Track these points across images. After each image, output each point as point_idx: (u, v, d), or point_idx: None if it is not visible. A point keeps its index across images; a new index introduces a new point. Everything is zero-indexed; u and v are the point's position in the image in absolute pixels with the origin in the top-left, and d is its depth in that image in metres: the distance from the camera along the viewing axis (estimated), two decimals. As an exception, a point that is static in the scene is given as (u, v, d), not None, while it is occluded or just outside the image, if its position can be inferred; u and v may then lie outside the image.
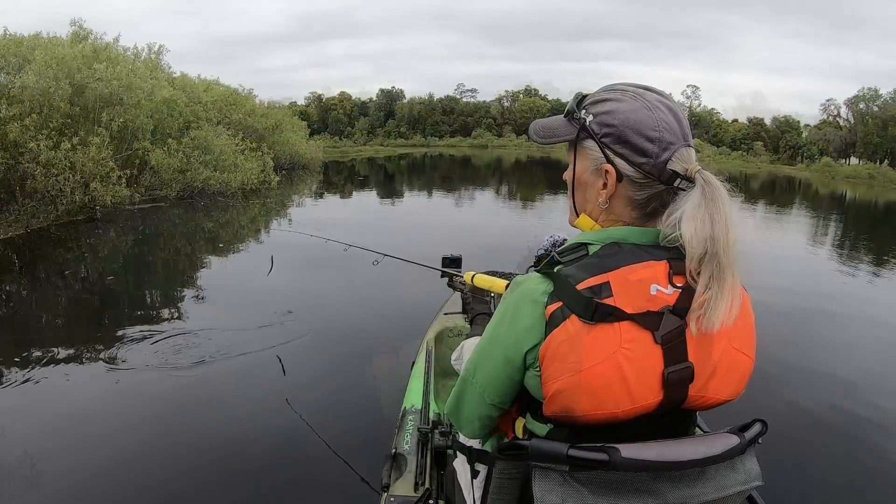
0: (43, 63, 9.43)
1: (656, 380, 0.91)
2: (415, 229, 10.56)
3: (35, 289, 6.03)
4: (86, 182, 9.38)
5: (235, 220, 10.91)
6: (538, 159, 43.80)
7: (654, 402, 0.92)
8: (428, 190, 20.15)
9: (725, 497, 0.94)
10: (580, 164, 1.06)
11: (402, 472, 1.83)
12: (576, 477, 0.88)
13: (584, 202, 1.07)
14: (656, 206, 1.01)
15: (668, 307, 0.91)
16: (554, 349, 0.91)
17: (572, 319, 0.89)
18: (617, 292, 0.90)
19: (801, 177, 40.88)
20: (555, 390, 0.92)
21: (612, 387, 0.90)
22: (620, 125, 0.98)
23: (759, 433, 1.00)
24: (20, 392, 3.40)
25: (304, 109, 70.41)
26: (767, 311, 5.39)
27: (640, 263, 0.93)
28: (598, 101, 1.03)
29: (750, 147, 63.32)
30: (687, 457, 0.90)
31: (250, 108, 20.36)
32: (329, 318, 4.94)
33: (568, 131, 1.07)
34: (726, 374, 0.97)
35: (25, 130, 8.92)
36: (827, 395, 3.78)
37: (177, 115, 12.64)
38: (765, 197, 22.78)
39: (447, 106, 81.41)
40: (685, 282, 0.92)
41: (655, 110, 0.98)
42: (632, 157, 0.98)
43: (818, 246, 11.06)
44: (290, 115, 28.56)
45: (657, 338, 0.90)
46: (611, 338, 0.89)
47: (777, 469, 2.63)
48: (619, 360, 0.89)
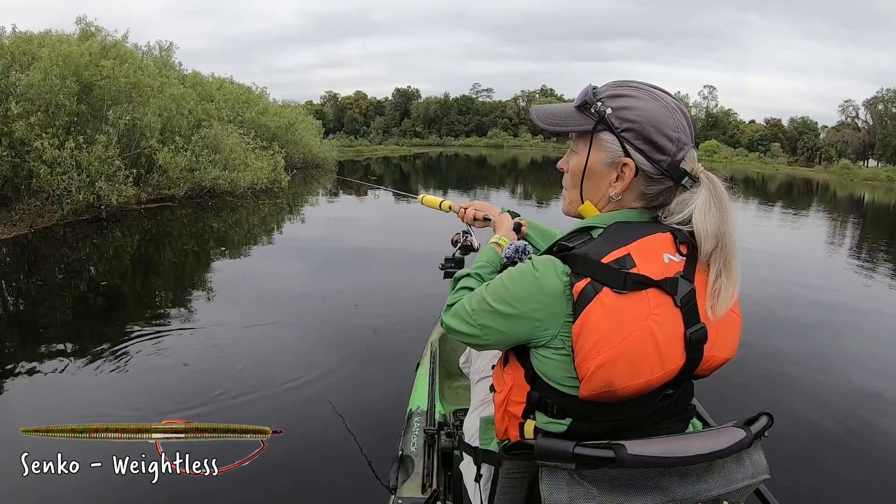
0: (49, 61, 9.25)
1: (680, 342, 0.96)
2: (424, 229, 10.46)
3: (35, 290, 5.86)
4: (91, 181, 9.18)
5: (244, 221, 10.66)
6: (554, 159, 43.13)
7: (679, 366, 0.97)
8: (443, 189, 20.09)
9: (733, 491, 0.94)
10: (595, 155, 1.07)
11: (409, 473, 1.83)
12: (583, 475, 0.89)
13: (593, 192, 1.09)
14: (662, 200, 1.06)
15: (680, 273, 0.96)
16: (591, 324, 0.92)
17: (605, 292, 0.91)
18: (639, 262, 0.94)
19: (819, 179, 40.50)
20: (596, 366, 0.92)
21: (647, 353, 0.93)
22: (643, 122, 1.01)
23: (765, 426, 1.01)
24: (18, 395, 3.39)
25: (320, 108, 70.72)
26: (778, 307, 5.64)
27: (651, 235, 0.98)
28: (614, 96, 1.04)
29: (767, 148, 62.70)
30: (693, 452, 0.90)
31: (263, 106, 20.16)
32: (333, 320, 4.92)
33: (581, 121, 1.07)
34: (726, 332, 1.01)
35: (31, 129, 8.74)
36: (834, 388, 3.79)
37: (186, 113, 12.34)
38: (782, 199, 22.43)
39: (463, 105, 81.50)
40: (688, 250, 0.99)
41: (673, 111, 1.02)
42: (651, 153, 1.02)
43: (835, 249, 10.84)
44: (305, 114, 28.43)
45: (677, 301, 0.95)
46: (643, 305, 0.93)
47: (784, 462, 2.56)
48: (651, 326, 0.93)
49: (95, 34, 11.41)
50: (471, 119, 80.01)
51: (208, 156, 12.04)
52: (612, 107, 1.03)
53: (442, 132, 78.10)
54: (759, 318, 5.10)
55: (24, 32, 10.99)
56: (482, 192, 19.09)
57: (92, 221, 9.24)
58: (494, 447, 1.23)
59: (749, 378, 3.64)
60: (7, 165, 8.87)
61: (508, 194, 19.07)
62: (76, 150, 9.01)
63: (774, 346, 4.38)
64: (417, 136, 76.27)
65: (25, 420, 2.99)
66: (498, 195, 18.51)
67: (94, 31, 11.47)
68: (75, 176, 8.88)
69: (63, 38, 10.96)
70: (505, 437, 1.14)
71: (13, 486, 2.42)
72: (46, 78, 9.12)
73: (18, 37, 10.73)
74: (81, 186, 8.97)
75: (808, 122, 67.71)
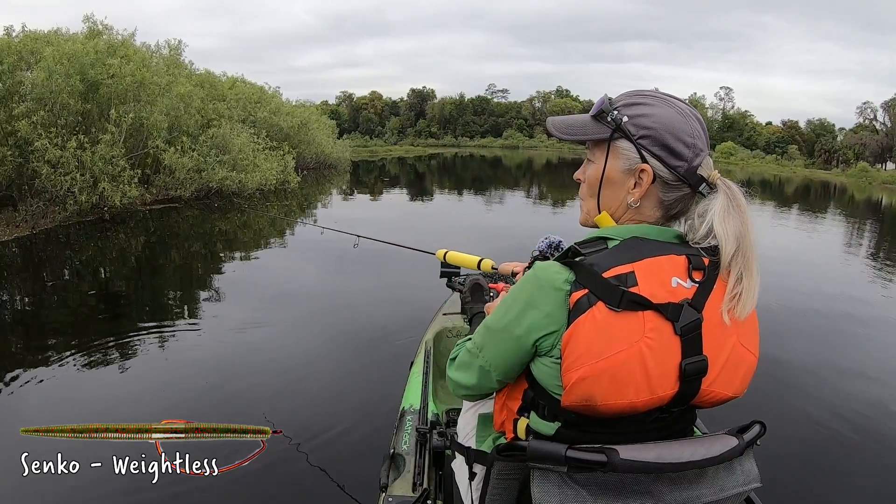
0: (53, 59, 9.16)
1: (674, 370, 0.93)
2: (424, 229, 10.62)
3: (34, 292, 5.81)
4: (95, 182, 9.05)
5: (252, 223, 10.47)
6: (569, 161, 43.33)
7: (670, 394, 0.94)
8: (458, 190, 20.02)
9: (724, 498, 0.94)
10: (612, 163, 1.06)
11: (400, 472, 1.82)
12: (574, 478, 0.89)
13: (610, 201, 1.08)
14: (681, 208, 1.06)
15: (687, 300, 0.93)
16: (579, 336, 0.91)
17: (599, 306, 0.90)
18: (642, 282, 0.92)
19: (837, 182, 39.82)
20: (577, 378, 0.91)
21: (633, 375, 0.91)
22: (659, 128, 1.01)
23: (757, 435, 1.01)
24: (18, 395, 3.37)
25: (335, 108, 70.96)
26: (779, 312, 5.46)
27: (662, 256, 0.96)
28: (630, 104, 1.05)
29: (784, 150, 62.00)
30: (686, 458, 0.90)
31: (276, 105, 20.15)
32: (328, 318, 4.95)
33: (598, 130, 1.07)
34: (733, 370, 0.98)
35: (34, 128, 8.65)
36: (827, 398, 3.75)
37: (193, 112, 12.18)
38: (799, 202, 22.23)
39: (478, 106, 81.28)
40: (702, 277, 0.96)
41: (688, 118, 1.02)
42: (668, 159, 1.01)
43: (850, 253, 10.54)
44: (318, 114, 28.44)
45: (677, 329, 0.92)
46: (635, 326, 0.90)
47: (776, 471, 2.58)
48: (641, 349, 0.90)
49: (103, 32, 11.35)
50: (486, 120, 79.77)
51: (216, 156, 11.92)
52: (629, 114, 1.03)
53: (457, 133, 77.92)
54: (762, 322, 4.88)
55: (33, 31, 10.96)
56: (497, 193, 18.97)
57: (95, 223, 9.11)
58: (487, 447, 1.23)
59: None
60: (10, 165, 8.76)
61: (523, 195, 18.91)
62: (79, 150, 8.89)
63: (777, 353, 4.30)
64: (432, 137, 76.19)
65: (25, 420, 2.99)
66: (513, 196, 18.34)
67: (102, 28, 11.42)
68: (77, 177, 8.75)
69: (70, 36, 10.93)
70: (501, 429, 1.15)
71: (14, 486, 2.42)
72: (51, 76, 9.04)
73: (27, 35, 10.69)
74: (84, 187, 8.85)
75: (826, 125, 66.83)
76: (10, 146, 8.84)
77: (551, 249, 1.69)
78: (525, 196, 18.76)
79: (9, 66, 9.43)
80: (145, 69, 10.72)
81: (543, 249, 1.69)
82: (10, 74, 9.39)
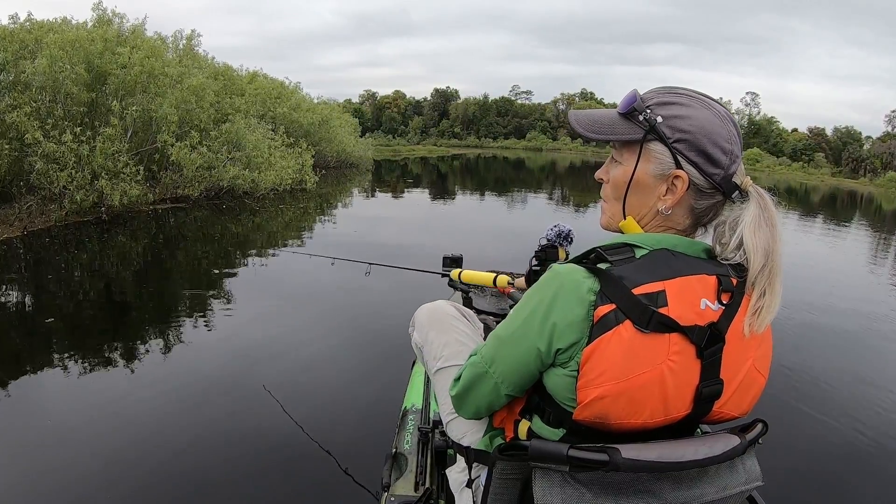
0: (55, 46, 8.50)
1: (690, 394, 0.91)
2: (431, 229, 10.56)
3: (19, 297, 5.17)
4: (93, 178, 8.34)
5: (265, 225, 9.73)
6: (592, 164, 42.73)
7: (682, 415, 0.92)
8: (480, 192, 19.62)
9: (726, 497, 0.93)
10: (643, 166, 0.99)
11: (402, 471, 1.80)
12: (577, 478, 0.87)
13: (637, 206, 1.01)
14: (711, 217, 1.00)
15: (713, 323, 0.90)
16: (603, 353, 0.87)
17: (626, 325, 0.86)
18: (672, 302, 0.88)
19: (864, 191, 39.38)
20: (595, 396, 0.88)
21: (651, 397, 0.88)
22: (697, 132, 0.94)
23: (759, 433, 0.99)
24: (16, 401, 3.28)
25: (359, 107, 70.80)
26: (792, 316, 5.44)
27: (694, 276, 0.91)
28: (664, 103, 0.97)
29: (811, 158, 60.61)
30: (688, 457, 0.88)
31: (296, 101, 19.43)
32: (329, 318, 4.96)
33: (628, 130, 0.99)
34: (744, 393, 0.96)
35: (28, 119, 7.98)
36: (829, 397, 3.77)
37: (206, 106, 11.35)
38: (825, 211, 21.77)
39: (502, 107, 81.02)
40: (730, 299, 0.91)
41: (725, 122, 0.96)
42: (705, 166, 0.95)
43: (875, 265, 10.12)
44: (340, 112, 27.77)
45: (699, 352, 0.89)
46: (661, 348, 0.87)
47: (778, 469, 2.55)
48: (663, 371, 0.88)
49: (112, 21, 10.71)
50: (509, 121, 79.36)
51: (227, 153, 11.15)
52: (663, 115, 0.96)
53: (480, 133, 77.59)
54: (775, 324, 4.31)
55: (38, 21, 10.31)
56: (519, 195, 18.57)
57: (93, 223, 8.36)
58: (485, 445, 1.21)
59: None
60: (5, 160, 8.12)
61: (546, 198, 18.58)
62: (76, 144, 8.19)
63: (785, 355, 4.28)
64: (455, 137, 75.93)
65: (26, 421, 3.02)
66: (535, 198, 17.97)
67: (112, 16, 10.78)
68: (73, 173, 8.06)
69: (77, 25, 10.32)
70: (500, 426, 1.15)
71: (14, 486, 2.44)
72: (53, 64, 8.38)
73: (33, 24, 10.06)
74: (81, 184, 8.15)
75: (853, 132, 65.52)
76: (8, 139, 8.18)
77: (560, 238, 1.68)
78: (547, 198, 18.43)
79: (11, 55, 8.79)
80: (154, 59, 10.01)
81: (552, 238, 1.69)
82: (14, 64, 8.75)
